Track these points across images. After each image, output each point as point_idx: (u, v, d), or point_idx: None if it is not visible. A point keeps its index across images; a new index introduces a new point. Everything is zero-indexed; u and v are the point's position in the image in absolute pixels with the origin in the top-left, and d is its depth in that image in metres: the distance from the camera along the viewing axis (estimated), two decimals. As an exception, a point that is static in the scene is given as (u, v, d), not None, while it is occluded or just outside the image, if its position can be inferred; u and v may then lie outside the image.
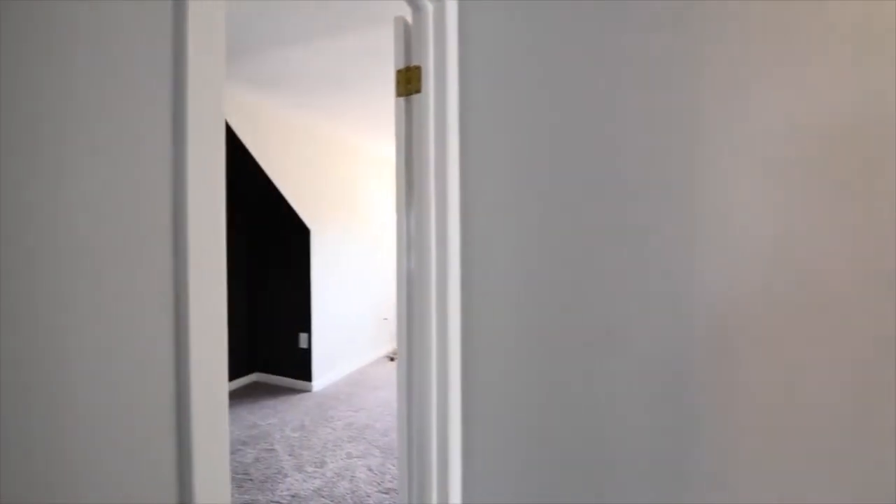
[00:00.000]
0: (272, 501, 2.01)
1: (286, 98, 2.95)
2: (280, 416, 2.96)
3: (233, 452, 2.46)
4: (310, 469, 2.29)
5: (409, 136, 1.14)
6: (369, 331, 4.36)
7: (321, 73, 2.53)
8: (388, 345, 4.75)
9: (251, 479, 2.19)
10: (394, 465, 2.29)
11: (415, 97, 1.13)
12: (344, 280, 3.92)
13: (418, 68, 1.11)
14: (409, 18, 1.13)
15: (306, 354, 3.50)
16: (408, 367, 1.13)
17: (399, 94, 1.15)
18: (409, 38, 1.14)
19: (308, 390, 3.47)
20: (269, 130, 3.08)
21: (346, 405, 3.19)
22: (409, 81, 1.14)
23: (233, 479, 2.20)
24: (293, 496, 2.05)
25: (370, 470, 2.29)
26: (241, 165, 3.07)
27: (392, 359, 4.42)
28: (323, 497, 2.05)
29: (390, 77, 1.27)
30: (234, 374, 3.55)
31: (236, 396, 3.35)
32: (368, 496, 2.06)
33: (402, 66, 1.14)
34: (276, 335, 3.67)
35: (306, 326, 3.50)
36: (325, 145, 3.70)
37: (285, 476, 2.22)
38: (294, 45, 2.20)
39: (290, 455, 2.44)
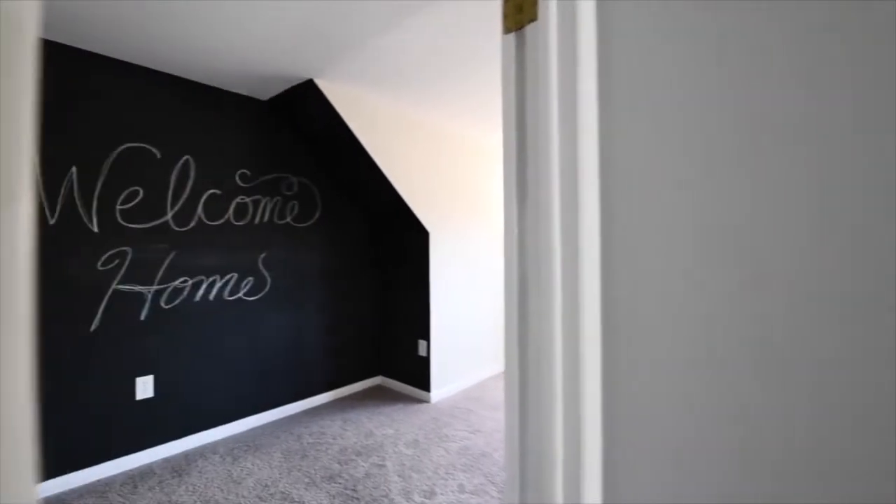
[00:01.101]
0: (375, 531, 1.83)
1: (397, 92, 2.84)
2: (396, 427, 2.84)
3: (346, 463, 2.39)
4: (417, 499, 2.06)
5: (520, 87, 0.76)
6: (490, 342, 4.05)
7: (423, 58, 2.32)
8: (512, 358, 4.35)
9: (357, 499, 2.06)
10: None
11: (528, 29, 0.75)
12: (463, 286, 3.69)
13: (532, -14, 0.72)
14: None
15: (424, 363, 3.36)
16: (520, 406, 0.75)
17: (507, 28, 0.79)
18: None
19: (425, 401, 3.32)
20: (384, 128, 3.02)
21: (463, 424, 2.92)
22: (519, 9, 0.76)
23: (341, 493, 2.10)
24: (397, 529, 1.84)
25: (483, 513, 1.95)
26: (361, 164, 3.07)
27: (516, 374, 4.03)
28: (428, 539, 1.78)
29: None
30: (361, 375, 3.61)
31: (361, 398, 3.38)
32: (479, 550, 1.72)
33: (509, -12, 0.77)
34: (397, 340, 3.63)
35: (425, 334, 3.36)
36: (441, 141, 3.53)
37: (391, 502, 2.03)
38: (386, 33, 2.03)
39: (399, 476, 2.26)
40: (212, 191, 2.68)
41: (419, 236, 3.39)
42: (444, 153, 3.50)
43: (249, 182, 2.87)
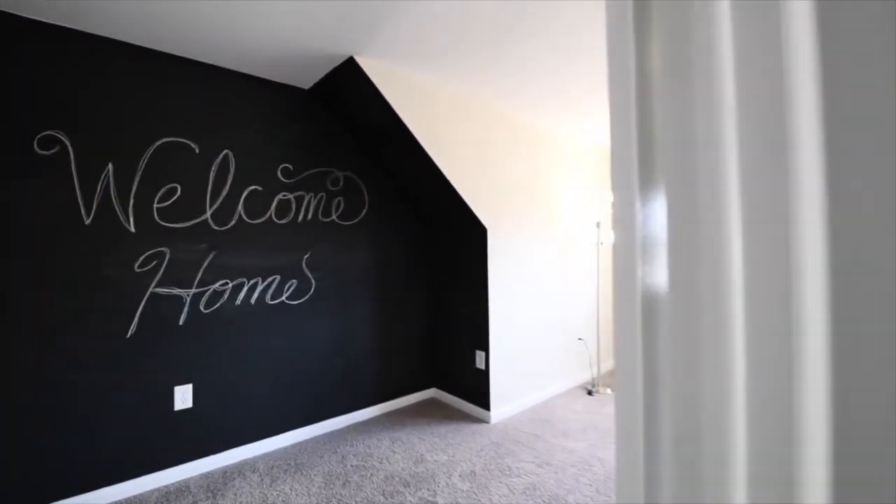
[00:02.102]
0: None
1: (446, 70, 2.47)
2: (450, 453, 2.47)
3: (391, 495, 2.06)
4: (474, 554, 1.67)
5: (642, 51, 0.38)
6: (559, 354, 3.54)
7: (475, 26, 1.92)
8: (583, 372, 3.81)
9: (403, 547, 1.71)
10: None
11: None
12: (527, 290, 3.24)
13: None
14: None
15: (483, 377, 2.96)
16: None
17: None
18: None
19: (485, 421, 2.91)
20: (434, 111, 2.67)
21: (529, 452, 2.47)
22: None
23: (384, 537, 1.77)
24: None
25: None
26: (410, 154, 2.75)
27: (590, 392, 3.49)
28: None
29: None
30: (412, 387, 3.30)
31: (412, 414, 3.06)
32: None
33: None
34: (452, 349, 3.27)
35: (483, 343, 2.96)
36: (499, 128, 3.11)
37: (442, 556, 1.66)
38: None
39: (452, 519, 1.88)
40: (253, 187, 2.50)
41: (475, 234, 3.01)
42: (501, 141, 3.09)
43: (292, 177, 2.66)
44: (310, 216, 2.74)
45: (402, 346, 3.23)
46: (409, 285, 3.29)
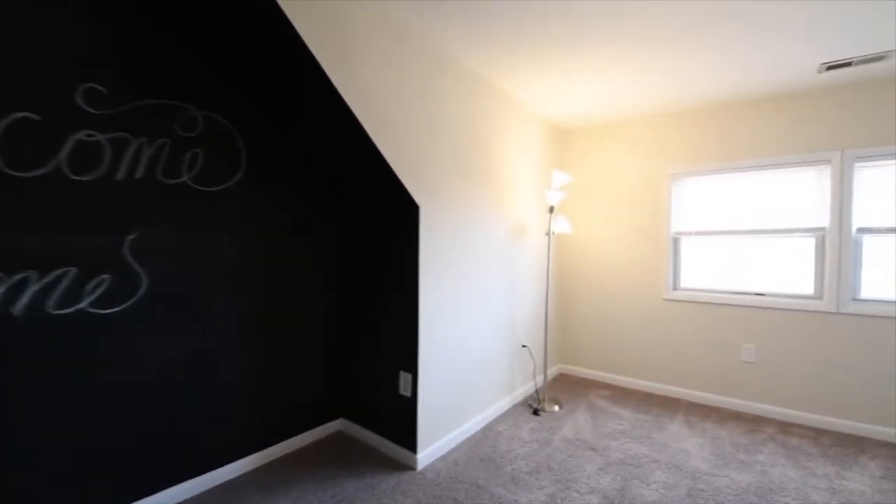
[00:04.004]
0: None
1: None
2: (358, 531, 1.67)
3: None
4: None
5: None
6: (503, 365, 2.90)
7: None
8: (526, 384, 3.23)
9: None
10: None
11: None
12: (470, 287, 2.52)
13: None
14: None
15: (408, 407, 2.19)
16: None
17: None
18: None
19: (410, 466, 2.16)
20: (354, 34, 1.79)
21: (472, 518, 1.77)
22: None
23: None
24: None
25: None
26: (317, 95, 1.86)
27: (537, 411, 2.90)
28: None
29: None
30: (311, 420, 2.42)
31: (310, 460, 2.20)
32: None
33: None
34: (368, 369, 2.45)
35: (410, 361, 2.19)
36: (448, 81, 2.33)
37: None
38: None
39: None
40: (21, 114, 1.44)
41: (403, 214, 2.21)
42: (443, 97, 2.30)
43: (106, 107, 1.62)
44: (140, 173, 1.72)
45: (296, 367, 2.34)
46: (308, 284, 2.39)
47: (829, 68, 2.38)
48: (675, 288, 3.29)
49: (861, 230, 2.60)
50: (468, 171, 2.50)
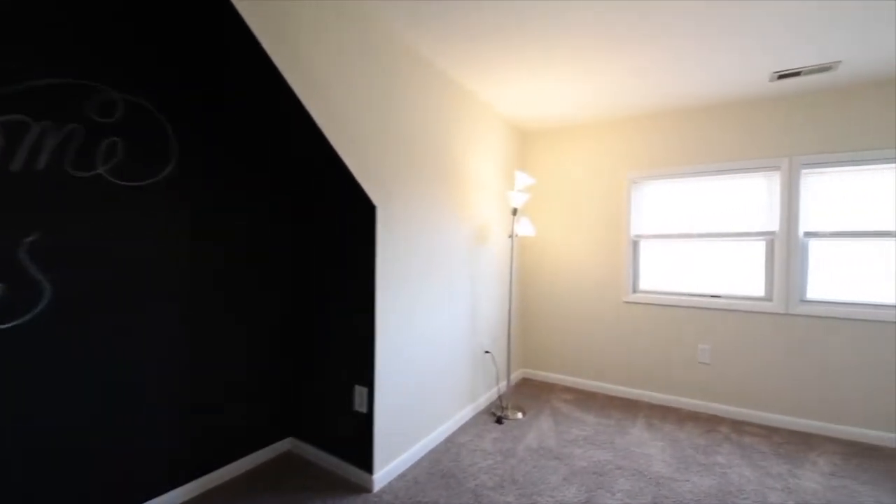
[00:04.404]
0: None
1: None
2: (305, 570, 1.49)
3: None
4: None
5: None
6: (465, 373, 2.79)
7: None
8: (489, 391, 3.14)
9: None
10: None
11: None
12: (432, 292, 2.39)
13: None
14: None
15: (364, 424, 2.03)
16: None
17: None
18: None
19: (366, 488, 1.99)
20: (302, 20, 1.63)
21: (431, 544, 1.63)
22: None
23: None
24: None
25: None
26: (260, 77, 1.67)
27: (500, 419, 2.80)
28: None
29: None
30: (257, 441, 2.20)
31: (254, 486, 1.99)
32: None
33: None
34: (321, 384, 2.26)
35: (365, 375, 2.02)
36: (409, 74, 2.19)
37: None
38: None
39: None
40: None
41: (359, 215, 2.05)
42: (403, 91, 2.16)
43: (-3, 84, 1.36)
44: (42, 164, 1.46)
45: (238, 383, 2.11)
46: (252, 291, 2.18)
47: (781, 77, 2.45)
48: (634, 290, 3.31)
49: (808, 234, 2.71)
50: (429, 169, 2.37)
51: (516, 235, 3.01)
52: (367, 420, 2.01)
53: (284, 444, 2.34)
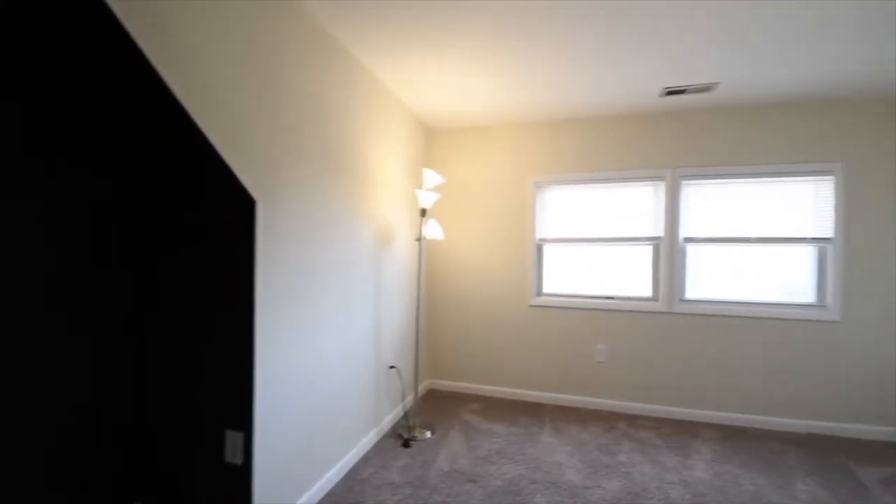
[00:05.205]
0: None
1: None
2: None
3: None
4: None
5: None
6: (368, 394, 2.45)
7: None
8: (394, 409, 2.85)
9: None
10: None
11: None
12: (324, 303, 2.01)
13: None
14: None
15: (240, 478, 1.57)
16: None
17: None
18: None
19: (241, 562, 1.54)
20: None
21: None
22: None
23: None
24: None
25: None
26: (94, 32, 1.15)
27: (407, 443, 2.52)
28: None
29: None
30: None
31: None
32: None
33: None
34: (179, 431, 1.72)
35: (240, 417, 1.58)
36: (301, 42, 1.79)
37: None
38: None
39: None
40: None
41: (233, 212, 1.60)
42: (294, 62, 1.76)
43: None
44: None
45: (59, 438, 1.48)
46: (79, 307, 1.56)
47: (669, 93, 2.62)
48: (539, 294, 3.32)
49: (686, 239, 2.97)
50: (324, 159, 2.00)
51: (424, 238, 2.77)
52: (242, 474, 1.57)
53: (123, 517, 1.74)
